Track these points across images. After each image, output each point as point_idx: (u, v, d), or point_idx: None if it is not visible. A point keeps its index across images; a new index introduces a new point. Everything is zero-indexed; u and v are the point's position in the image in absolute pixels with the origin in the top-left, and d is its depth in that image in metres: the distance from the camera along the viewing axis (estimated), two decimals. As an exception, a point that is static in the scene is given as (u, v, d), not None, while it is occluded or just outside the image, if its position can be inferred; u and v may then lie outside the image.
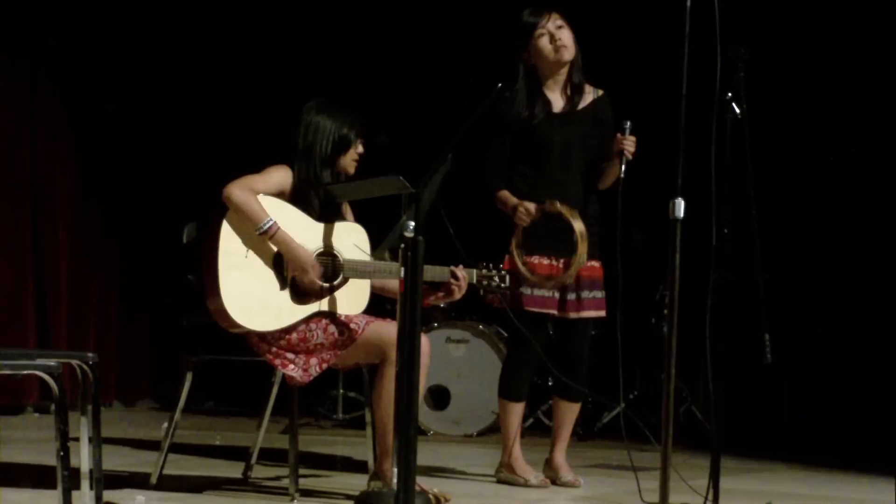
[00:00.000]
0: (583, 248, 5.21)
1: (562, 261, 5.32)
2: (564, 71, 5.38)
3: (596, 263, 5.43)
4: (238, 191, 4.65)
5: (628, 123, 5.24)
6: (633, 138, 5.22)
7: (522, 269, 5.26)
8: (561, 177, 5.35)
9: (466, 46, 8.20)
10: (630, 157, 5.19)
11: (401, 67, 8.46)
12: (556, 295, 5.36)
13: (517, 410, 5.46)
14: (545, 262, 5.33)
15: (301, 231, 4.71)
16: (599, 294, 5.43)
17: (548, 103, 5.38)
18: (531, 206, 5.25)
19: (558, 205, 5.23)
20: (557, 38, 5.30)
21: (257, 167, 4.79)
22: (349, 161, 4.90)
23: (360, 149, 4.92)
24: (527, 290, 5.30)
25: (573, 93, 5.41)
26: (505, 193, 5.35)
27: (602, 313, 5.45)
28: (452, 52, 8.33)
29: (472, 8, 8.30)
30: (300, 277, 4.68)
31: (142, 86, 8.24)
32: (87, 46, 7.90)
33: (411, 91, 8.38)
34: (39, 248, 7.70)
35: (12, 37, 7.54)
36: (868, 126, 7.94)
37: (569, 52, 5.33)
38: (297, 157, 4.84)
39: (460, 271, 4.88)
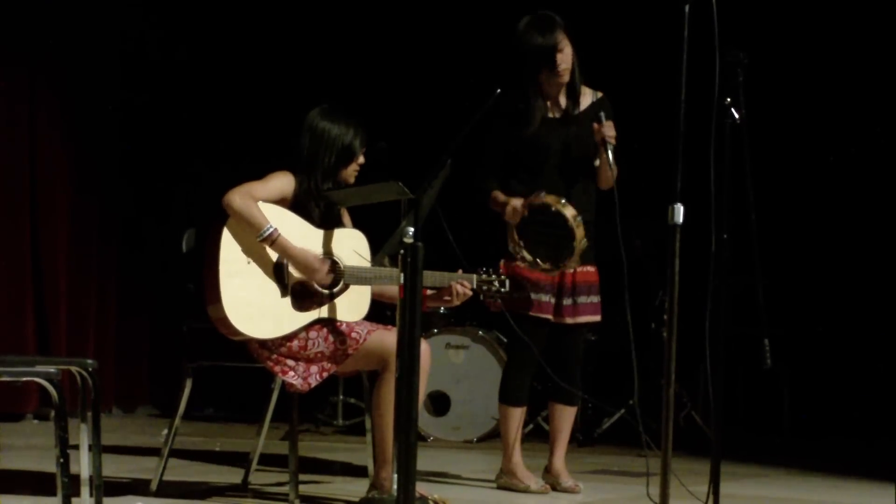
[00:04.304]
0: (580, 232, 5.15)
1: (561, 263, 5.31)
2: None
3: (591, 268, 5.42)
4: (238, 198, 4.63)
5: (602, 113, 5.24)
6: (610, 123, 5.21)
7: (528, 257, 5.21)
8: (558, 180, 5.34)
9: (464, 50, 8.20)
10: (613, 142, 5.19)
11: (399, 72, 8.46)
12: (553, 300, 5.36)
13: (517, 416, 5.45)
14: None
15: (301, 238, 4.70)
16: (595, 298, 5.44)
17: (546, 108, 5.38)
18: (517, 203, 5.21)
19: (543, 195, 5.19)
20: (559, 62, 5.28)
21: (258, 174, 4.78)
22: (351, 172, 4.88)
23: (362, 159, 4.90)
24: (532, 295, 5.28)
25: (570, 97, 5.41)
26: (496, 193, 5.34)
27: (597, 318, 5.46)
28: (450, 55, 8.33)
29: (469, 11, 8.31)
30: (310, 278, 4.65)
31: (142, 91, 8.24)
32: (86, 51, 7.91)
33: (410, 96, 8.38)
34: (38, 254, 7.69)
35: (11, 42, 7.54)
36: (868, 126, 7.94)
37: (568, 71, 5.32)
38: (301, 165, 4.82)
39: (462, 287, 4.86)
